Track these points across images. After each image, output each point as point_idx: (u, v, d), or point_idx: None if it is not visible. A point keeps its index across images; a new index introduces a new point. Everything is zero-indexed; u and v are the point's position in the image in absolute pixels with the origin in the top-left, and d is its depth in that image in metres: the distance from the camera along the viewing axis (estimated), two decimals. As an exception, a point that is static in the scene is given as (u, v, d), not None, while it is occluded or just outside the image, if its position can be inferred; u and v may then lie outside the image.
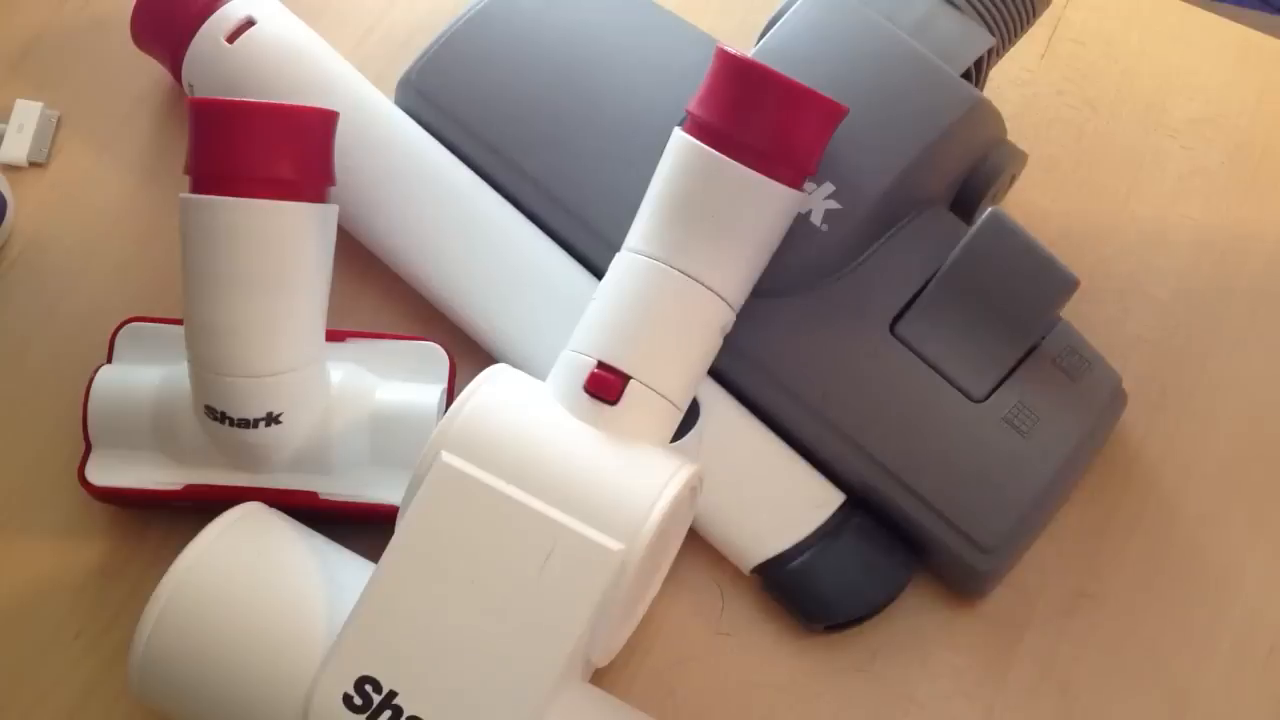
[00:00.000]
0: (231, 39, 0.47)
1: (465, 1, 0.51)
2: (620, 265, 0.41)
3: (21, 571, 0.44)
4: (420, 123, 0.49)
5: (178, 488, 0.43)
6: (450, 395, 0.45)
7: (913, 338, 0.44)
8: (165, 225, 0.50)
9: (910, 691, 0.44)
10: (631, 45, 0.49)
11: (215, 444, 0.42)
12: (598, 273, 0.46)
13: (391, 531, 0.38)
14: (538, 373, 0.41)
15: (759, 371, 0.44)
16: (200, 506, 0.43)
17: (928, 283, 0.44)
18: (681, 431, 0.44)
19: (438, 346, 0.45)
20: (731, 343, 0.43)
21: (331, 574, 0.39)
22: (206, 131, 0.39)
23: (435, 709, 0.36)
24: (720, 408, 0.45)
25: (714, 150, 0.40)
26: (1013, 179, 0.49)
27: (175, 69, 0.49)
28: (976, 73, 0.47)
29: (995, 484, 0.43)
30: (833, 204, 0.44)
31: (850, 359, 0.44)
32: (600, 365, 0.40)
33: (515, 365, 0.46)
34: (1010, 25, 0.47)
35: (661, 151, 0.42)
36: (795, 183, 0.41)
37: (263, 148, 0.39)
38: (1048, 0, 0.48)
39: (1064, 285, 0.43)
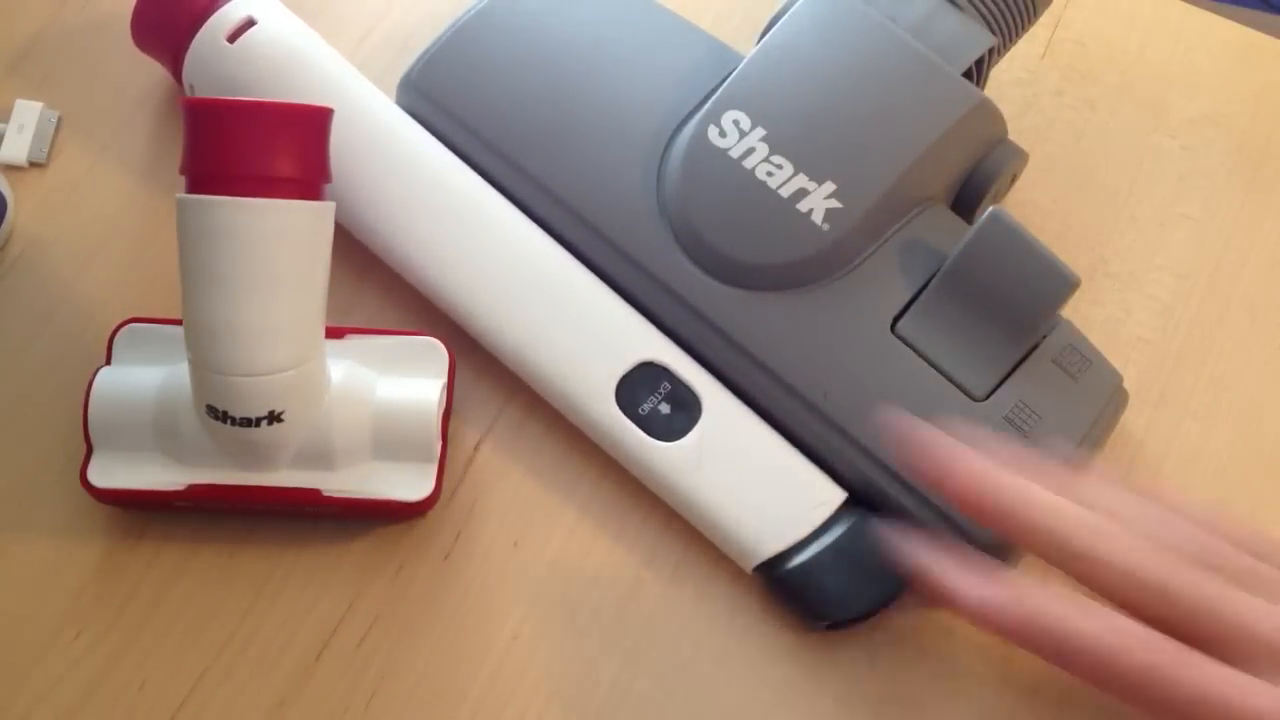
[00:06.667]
0: (232, 39, 0.47)
1: (465, 1, 0.51)
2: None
3: (21, 571, 0.44)
4: (421, 122, 0.48)
5: (181, 488, 0.43)
6: (450, 390, 0.45)
7: (914, 336, 0.44)
8: (165, 225, 0.50)
9: (910, 691, 0.44)
10: (632, 45, 0.49)
11: (217, 443, 0.42)
12: (598, 271, 0.46)
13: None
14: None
15: (760, 370, 0.44)
16: (203, 506, 0.43)
17: (928, 282, 0.44)
18: (682, 430, 0.44)
19: (437, 342, 0.45)
20: (732, 341, 0.43)
21: None
22: (199, 131, 0.39)
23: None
24: (721, 406, 0.45)
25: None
26: (1014, 178, 0.49)
27: (175, 69, 0.48)
28: (977, 72, 0.47)
29: (996, 483, 0.43)
30: (834, 203, 0.44)
31: (851, 357, 0.44)
32: None
33: (513, 364, 0.46)
34: (1011, 25, 0.47)
35: (662, 149, 0.42)
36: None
37: (255, 146, 0.39)
38: (1048, 0, 0.48)
39: (1064, 285, 0.43)
